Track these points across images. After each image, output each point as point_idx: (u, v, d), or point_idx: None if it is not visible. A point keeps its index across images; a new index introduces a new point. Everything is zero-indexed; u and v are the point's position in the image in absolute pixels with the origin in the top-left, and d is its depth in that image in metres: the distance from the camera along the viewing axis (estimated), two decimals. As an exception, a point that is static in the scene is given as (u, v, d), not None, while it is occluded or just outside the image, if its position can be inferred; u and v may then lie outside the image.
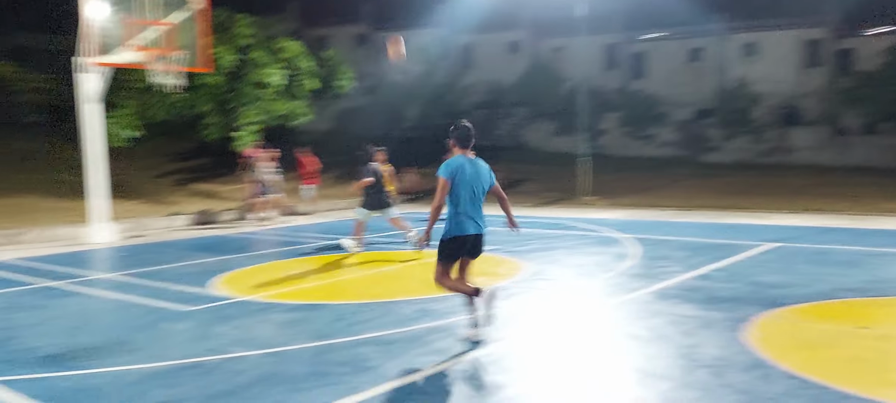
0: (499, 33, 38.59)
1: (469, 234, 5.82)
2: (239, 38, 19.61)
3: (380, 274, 9.42)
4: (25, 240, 13.91)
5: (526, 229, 13.87)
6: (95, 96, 13.92)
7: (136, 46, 13.55)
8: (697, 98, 34.37)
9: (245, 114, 19.16)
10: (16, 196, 17.93)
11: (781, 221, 14.20)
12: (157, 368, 5.36)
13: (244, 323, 6.72)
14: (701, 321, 6.33)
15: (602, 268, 9.22)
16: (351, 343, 5.86)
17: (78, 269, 10.35)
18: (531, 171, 26.92)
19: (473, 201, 5.85)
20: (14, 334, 6.52)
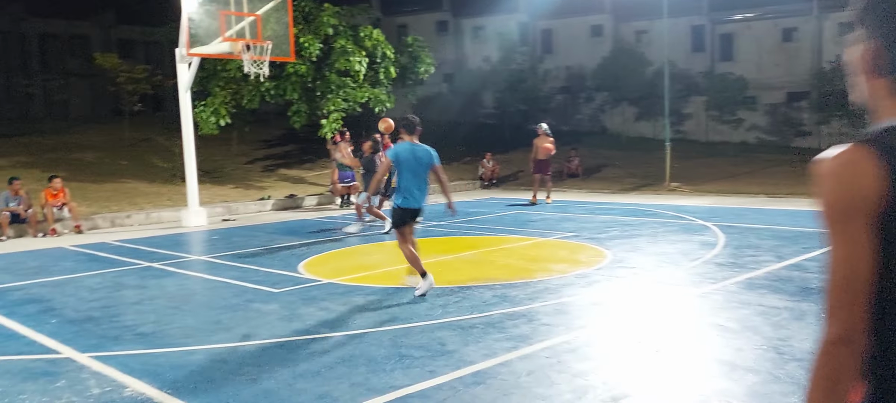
0: (580, 17, 37.93)
1: (412, 207, 7.17)
2: (324, 27, 20.06)
3: (459, 260, 9.50)
4: (128, 223, 14.77)
5: (607, 216, 13.67)
6: (189, 85, 14.57)
7: (228, 37, 14.09)
8: (789, 80, 32.78)
9: (330, 102, 19.61)
10: (120, 180, 19.03)
11: (882, 210, 13.42)
12: (246, 346, 5.61)
13: (328, 305, 6.94)
14: (792, 312, 6.09)
15: (687, 257, 8.99)
16: (429, 326, 5.95)
17: (174, 251, 10.92)
18: (612, 157, 26.40)
19: (416, 179, 7.16)
20: (116, 312, 6.95)
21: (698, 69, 34.19)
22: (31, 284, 8.53)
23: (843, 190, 1.32)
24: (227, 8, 14.08)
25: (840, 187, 1.32)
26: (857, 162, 1.31)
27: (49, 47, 42.24)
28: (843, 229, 1.32)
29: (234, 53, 14.44)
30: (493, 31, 37.55)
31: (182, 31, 13.83)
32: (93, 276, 8.91)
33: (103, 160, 21.86)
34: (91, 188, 17.54)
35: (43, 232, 13.18)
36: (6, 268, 9.75)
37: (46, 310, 7.08)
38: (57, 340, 5.93)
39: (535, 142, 16.71)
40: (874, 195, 1.29)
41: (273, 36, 14.68)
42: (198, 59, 14.50)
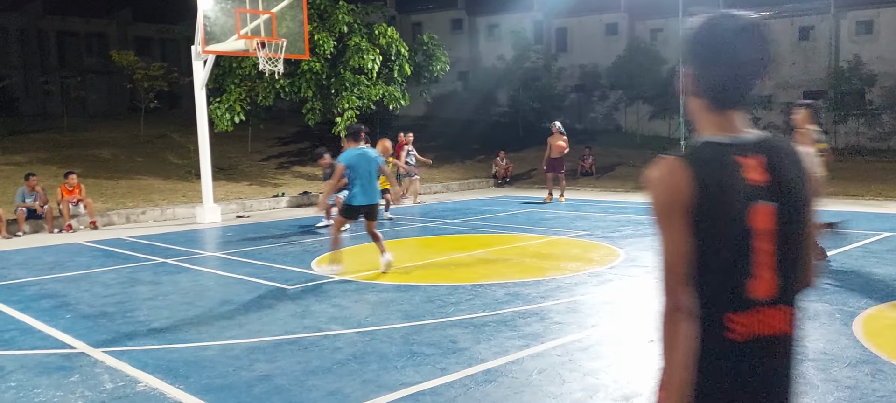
0: (595, 15, 37.79)
1: (363, 204, 8.15)
2: (339, 25, 20.11)
3: (472, 258, 9.49)
4: (143, 220, 14.89)
5: (620, 214, 13.61)
6: (204, 82, 14.67)
7: (243, 35, 14.17)
8: (805, 79, 32.48)
9: (344, 100, 19.66)
10: (136, 177, 19.20)
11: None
12: (259, 342, 5.64)
13: (341, 301, 6.96)
14: (806, 313, 6.02)
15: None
16: (441, 324, 5.95)
17: (188, 248, 10.99)
18: (627, 155, 26.27)
19: (369, 180, 8.11)
20: (130, 307, 7.02)
21: (713, 67, 33.92)
22: (47, 279, 8.62)
23: (664, 194, 1.68)
24: (243, 6, 14.16)
25: (662, 192, 1.68)
26: (675, 172, 1.67)
27: (67, 44, 42.70)
28: (667, 224, 1.68)
29: (249, 51, 14.51)
30: (507, 30, 37.46)
31: (198, 29, 13.92)
32: (107, 272, 9.00)
33: (119, 157, 22.05)
34: (107, 184, 17.70)
35: (59, 228, 13.32)
36: (22, 264, 9.86)
37: (61, 306, 7.16)
38: (71, 335, 6.00)
39: (549, 140, 16.67)
40: (686, 198, 1.65)
41: (288, 33, 14.74)
42: (213, 56, 14.59)
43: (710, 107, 1.76)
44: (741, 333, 1.69)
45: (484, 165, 24.42)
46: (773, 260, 1.69)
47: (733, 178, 1.67)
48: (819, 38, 32.67)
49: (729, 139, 1.72)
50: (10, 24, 40.19)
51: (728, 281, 1.68)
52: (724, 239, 1.67)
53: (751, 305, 1.69)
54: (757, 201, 1.67)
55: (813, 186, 1.76)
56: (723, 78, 1.72)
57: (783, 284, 1.72)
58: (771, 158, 1.71)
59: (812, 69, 32.37)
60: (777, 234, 1.69)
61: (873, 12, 31.16)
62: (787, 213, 1.70)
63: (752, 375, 1.71)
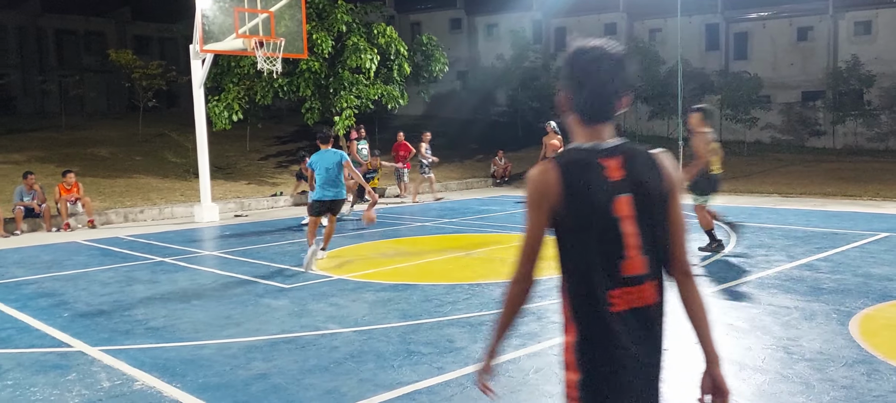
0: (594, 15, 37.83)
1: (326, 199, 8.96)
2: (338, 24, 20.11)
3: (469, 257, 9.50)
4: (141, 218, 14.88)
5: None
6: (202, 81, 14.66)
7: (241, 34, 14.16)
8: (804, 80, 32.54)
9: (343, 99, 19.66)
10: (134, 176, 19.18)
11: (895, 210, 13.31)
12: (256, 341, 5.64)
13: (338, 301, 6.96)
14: (803, 312, 6.05)
15: (695, 256, 8.94)
16: (438, 323, 5.96)
17: (186, 247, 10.99)
18: (625, 156, 26.32)
19: (329, 177, 8.95)
20: (128, 306, 7.02)
21: (712, 68, 34.00)
22: (45, 278, 8.62)
23: (535, 190, 2.04)
24: (242, 5, 14.16)
25: (534, 188, 2.04)
26: (546, 172, 2.03)
27: (65, 43, 42.62)
28: (534, 213, 2.06)
29: (247, 50, 14.51)
30: (506, 29, 37.48)
31: (196, 28, 13.91)
32: (105, 271, 9.00)
33: (117, 155, 22.04)
34: (105, 183, 17.69)
35: (57, 227, 13.32)
36: (20, 262, 9.86)
37: (59, 304, 7.16)
38: (69, 333, 6.00)
39: (544, 139, 16.69)
40: (554, 193, 2.01)
41: (286, 33, 14.74)
42: (211, 55, 14.58)
43: (581, 122, 2.10)
44: (621, 306, 2.03)
45: (482, 165, 24.43)
46: (638, 241, 2.03)
47: (597, 176, 2.02)
48: (817, 38, 32.72)
49: (594, 145, 2.07)
50: (8, 22, 40.11)
51: (605, 262, 2.02)
52: (595, 227, 2.01)
53: (626, 282, 2.03)
54: (618, 194, 2.01)
55: (668, 182, 2.08)
56: (588, 99, 2.07)
57: (649, 261, 2.07)
58: (627, 160, 2.06)
59: (810, 69, 32.43)
60: (637, 220, 2.03)
61: (872, 13, 31.21)
62: (642, 203, 2.03)
63: (632, 341, 2.06)
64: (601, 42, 2.11)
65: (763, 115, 31.19)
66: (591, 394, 2.06)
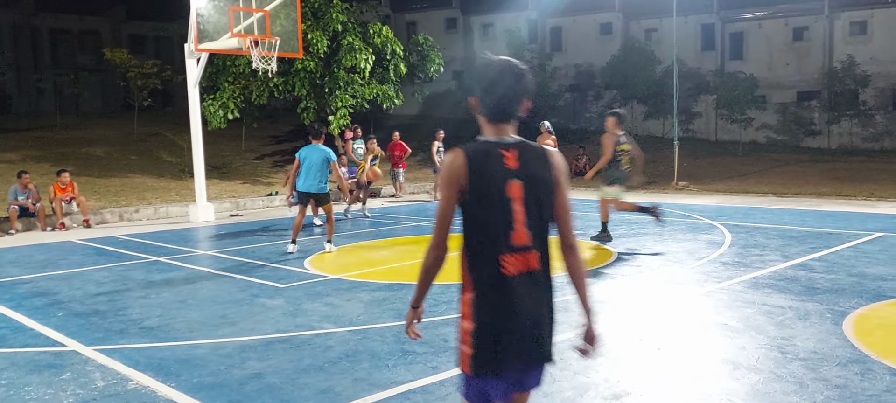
0: (589, 15, 37.83)
1: (311, 191, 9.75)
2: (333, 24, 20.10)
3: (464, 257, 9.50)
4: (136, 218, 14.85)
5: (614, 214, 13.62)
6: (197, 80, 14.62)
7: (237, 33, 14.14)
8: (800, 80, 32.61)
9: (338, 98, 19.64)
10: (129, 175, 19.14)
11: (889, 210, 13.34)
12: (251, 341, 5.63)
13: (333, 300, 6.96)
14: (797, 312, 6.07)
15: (693, 256, 8.96)
16: (433, 323, 5.96)
17: (181, 246, 10.97)
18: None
19: (314, 171, 9.69)
20: (122, 305, 7.00)
21: (708, 68, 34.06)
22: (39, 277, 8.60)
23: (447, 171, 2.48)
24: (237, 4, 14.13)
25: (447, 170, 2.48)
26: (457, 158, 2.48)
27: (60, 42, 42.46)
28: (446, 191, 2.49)
29: (242, 49, 14.48)
30: (502, 29, 37.48)
31: (191, 27, 13.89)
32: (100, 270, 8.98)
33: (112, 155, 21.98)
34: (100, 182, 17.65)
35: (51, 226, 13.28)
36: (15, 262, 9.83)
37: (53, 303, 7.14)
38: (63, 333, 5.98)
39: (538, 139, 16.72)
40: (461, 175, 2.46)
41: (281, 32, 14.72)
42: (207, 54, 14.55)
43: (488, 121, 2.57)
44: (511, 270, 2.48)
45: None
46: (524, 218, 2.49)
47: (496, 164, 2.48)
48: (813, 38, 32.80)
49: (498, 140, 2.54)
50: (2, 21, 39.95)
51: (499, 233, 2.47)
52: (492, 204, 2.47)
53: (515, 250, 2.48)
54: (511, 179, 2.48)
55: (555, 174, 2.56)
56: (494, 103, 2.53)
57: (533, 235, 2.51)
58: (522, 153, 2.53)
59: (806, 69, 32.50)
60: (525, 201, 2.49)
61: (867, 13, 31.29)
62: (531, 188, 2.50)
63: (521, 301, 2.48)
64: (506, 58, 2.59)
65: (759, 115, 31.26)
66: (482, 341, 2.50)
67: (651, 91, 30.92)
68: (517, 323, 2.48)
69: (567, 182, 2.61)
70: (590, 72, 36.12)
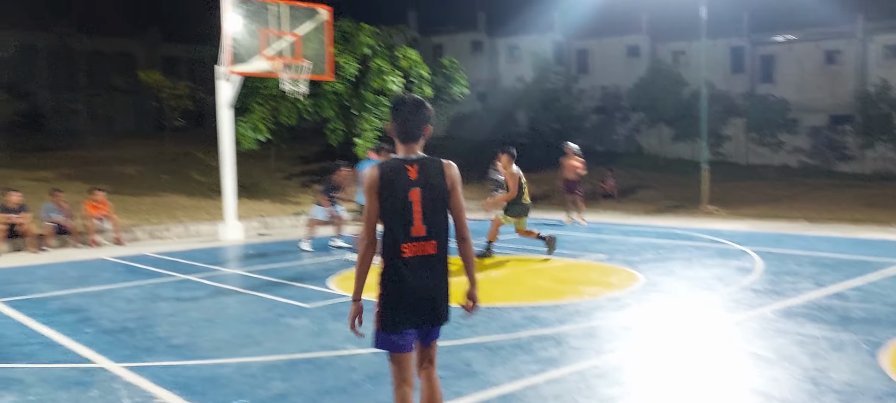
0: (616, 37, 37.81)
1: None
2: (362, 47, 20.31)
3: (488, 279, 9.46)
4: (167, 236, 15.06)
5: (641, 238, 13.49)
6: (231, 102, 14.85)
7: (268, 56, 14.36)
8: (832, 103, 32.15)
9: (366, 120, 19.81)
10: (162, 194, 19.43)
11: (928, 238, 13.02)
12: (275, 361, 5.65)
13: (357, 322, 6.95)
14: (831, 342, 5.92)
15: (722, 282, 8.82)
16: (456, 346, 5.92)
17: (210, 265, 11.08)
18: (648, 178, 26.12)
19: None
20: (150, 323, 7.08)
21: (738, 90, 33.76)
22: (71, 294, 8.73)
23: (368, 182, 3.30)
24: (268, 27, 14.36)
25: (367, 181, 3.30)
26: (374, 172, 3.32)
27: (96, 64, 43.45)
28: (369, 197, 3.31)
29: (273, 72, 14.69)
30: (527, 51, 37.58)
31: (224, 50, 14.13)
32: (130, 288, 9.10)
33: (145, 174, 22.36)
34: (132, 201, 17.94)
35: (84, 243, 13.51)
36: (48, 278, 10.00)
37: (84, 320, 7.24)
38: (92, 349, 6.06)
39: (563, 161, 16.68)
40: (377, 184, 3.29)
41: (311, 55, 14.91)
42: (238, 76, 14.79)
43: (400, 142, 3.43)
44: (409, 254, 3.32)
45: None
46: (422, 216, 3.32)
47: (402, 175, 3.33)
48: (846, 61, 32.38)
49: (405, 157, 3.40)
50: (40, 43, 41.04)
51: (402, 226, 3.31)
52: (397, 205, 3.31)
53: (413, 239, 3.32)
54: (412, 187, 3.32)
55: (450, 182, 3.40)
56: (401, 130, 3.41)
57: (429, 228, 3.34)
58: (422, 166, 3.36)
59: (838, 93, 32.05)
60: (422, 203, 3.32)
61: (901, 36, 30.84)
62: (428, 193, 3.34)
63: (417, 278, 3.34)
64: (412, 95, 3.51)
65: (790, 139, 30.86)
66: (387, 305, 3.38)
67: (679, 113, 30.71)
68: (412, 295, 3.34)
69: (460, 188, 3.46)
70: (616, 95, 36.00)
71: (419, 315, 3.38)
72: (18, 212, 12.86)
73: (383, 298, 3.37)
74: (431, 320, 3.43)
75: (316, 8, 15.22)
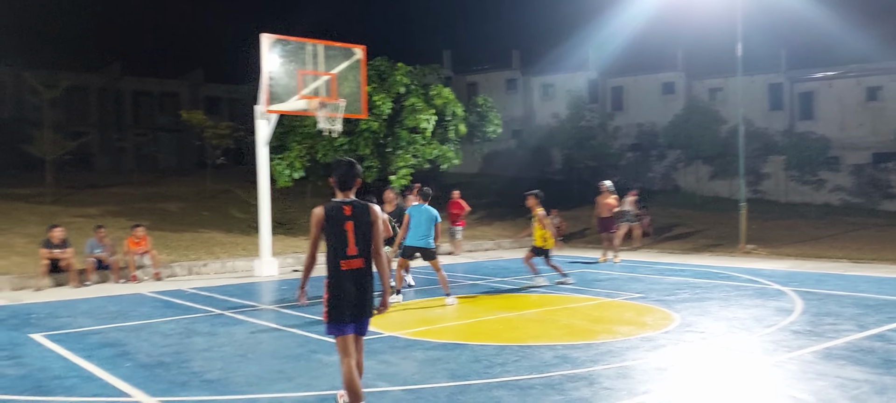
0: (652, 74, 37.74)
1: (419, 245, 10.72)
2: (397, 86, 20.62)
3: (520, 318, 9.41)
4: (204, 271, 15.33)
5: (677, 277, 13.29)
6: (267, 140, 15.18)
7: (305, 95, 14.68)
8: (875, 140, 31.48)
9: (400, 158, 20.03)
10: (201, 230, 19.82)
11: (979, 279, 12.57)
12: (306, 397, 5.69)
13: (388, 358, 6.98)
14: (873, 386, 5.74)
15: (760, 323, 8.63)
16: (487, 385, 5.89)
17: (245, 300, 11.24)
18: (685, 216, 25.78)
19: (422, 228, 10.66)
20: (186, 357, 7.19)
21: (777, 128, 33.30)
22: (110, 328, 8.93)
23: (315, 217, 4.87)
24: (305, 68, 14.71)
25: (314, 217, 4.87)
26: (319, 210, 4.88)
27: (142, 104, 44.93)
28: (313, 229, 4.90)
29: (309, 110, 15.00)
30: (562, 89, 37.69)
31: (262, 89, 14.50)
32: (167, 322, 9.27)
33: (185, 210, 22.86)
34: (172, 236, 18.33)
35: (124, 279, 13.83)
36: (88, 312, 10.25)
37: (122, 354, 7.39)
38: (129, 383, 6.18)
39: (598, 199, 16.61)
40: (320, 220, 4.87)
41: (347, 94, 15.21)
42: (276, 115, 15.13)
43: (338, 190, 4.87)
44: (345, 268, 4.79)
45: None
46: (353, 241, 4.78)
47: (339, 213, 4.79)
48: (888, 98, 31.77)
49: (342, 200, 4.86)
50: (90, 85, 42.61)
51: (340, 248, 4.78)
52: (336, 233, 4.79)
53: (347, 257, 4.78)
54: (347, 220, 4.78)
55: (372, 217, 4.85)
56: (339, 181, 4.88)
57: (359, 250, 4.80)
58: (354, 207, 4.83)
59: (881, 130, 31.40)
60: (354, 232, 4.79)
61: (946, 72, 30.20)
62: (358, 225, 4.81)
63: (352, 284, 4.82)
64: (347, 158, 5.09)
65: (832, 177, 30.22)
66: (331, 305, 4.85)
67: (716, 151, 30.34)
68: (347, 297, 4.83)
69: (379, 221, 4.90)
70: (652, 132, 35.78)
71: (352, 311, 4.84)
72: (61, 248, 13.24)
73: (329, 300, 4.85)
74: (361, 314, 4.92)
75: (351, 47, 15.56)
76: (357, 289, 4.79)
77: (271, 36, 14.48)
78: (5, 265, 13.99)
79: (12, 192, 23.60)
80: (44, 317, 9.79)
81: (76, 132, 34.34)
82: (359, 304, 4.82)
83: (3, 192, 23.50)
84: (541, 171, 35.84)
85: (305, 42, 14.88)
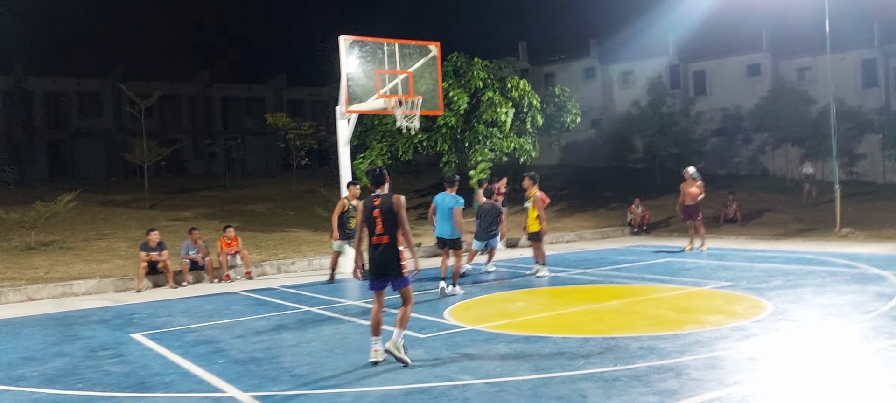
0: (736, 56, 36.34)
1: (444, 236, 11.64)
2: (474, 81, 20.65)
3: (605, 309, 9.28)
4: (292, 270, 15.85)
5: (768, 264, 12.78)
6: (348, 139, 15.53)
7: (383, 94, 14.93)
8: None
9: (478, 152, 20.06)
10: (288, 230, 20.51)
11: None
12: (392, 391, 5.82)
13: (471, 351, 7.04)
14: None
15: (858, 309, 8.21)
16: (571, 378, 5.86)
17: (332, 297, 11.57)
18: (775, 201, 24.71)
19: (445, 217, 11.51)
20: (276, 353, 7.48)
21: (871, 105, 31.42)
22: (205, 326, 9.38)
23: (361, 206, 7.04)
24: (382, 67, 14.96)
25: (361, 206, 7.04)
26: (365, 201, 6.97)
27: (230, 109, 46.89)
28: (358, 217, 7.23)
29: (387, 109, 15.24)
30: (641, 75, 36.80)
31: (342, 90, 14.83)
32: (259, 320, 9.65)
33: (273, 211, 23.69)
34: (262, 236, 19.03)
35: (218, 278, 14.46)
36: (185, 311, 10.79)
37: (216, 351, 7.76)
38: (223, 379, 6.48)
39: (682, 186, 16.14)
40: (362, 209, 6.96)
41: (424, 91, 15.36)
42: (356, 115, 15.45)
43: (372, 186, 6.94)
44: (376, 242, 6.75)
45: (618, 213, 23.85)
46: (381, 224, 6.71)
47: (371, 204, 6.80)
48: None
49: (375, 194, 6.89)
50: (182, 93, 44.79)
51: (371, 230, 6.77)
52: (369, 220, 6.77)
53: (377, 235, 6.74)
54: (375, 209, 6.75)
55: (396, 206, 6.72)
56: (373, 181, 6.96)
57: (385, 230, 6.72)
58: (382, 199, 6.78)
59: None
60: (381, 217, 6.71)
61: None
62: (385, 212, 6.72)
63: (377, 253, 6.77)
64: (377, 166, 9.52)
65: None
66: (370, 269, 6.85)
67: (806, 132, 28.87)
68: (375, 263, 6.72)
69: (402, 209, 6.66)
70: (737, 116, 34.45)
71: (380, 273, 6.73)
72: (158, 251, 13.97)
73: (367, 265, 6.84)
74: (388, 275, 6.71)
75: (426, 45, 15.70)
76: (382, 258, 6.66)
77: (349, 37, 14.79)
78: (108, 268, 14.90)
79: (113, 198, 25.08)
80: (144, 317, 10.38)
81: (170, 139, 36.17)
82: (383, 268, 6.68)
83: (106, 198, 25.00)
84: (621, 160, 35.10)
85: (382, 42, 15.12)
